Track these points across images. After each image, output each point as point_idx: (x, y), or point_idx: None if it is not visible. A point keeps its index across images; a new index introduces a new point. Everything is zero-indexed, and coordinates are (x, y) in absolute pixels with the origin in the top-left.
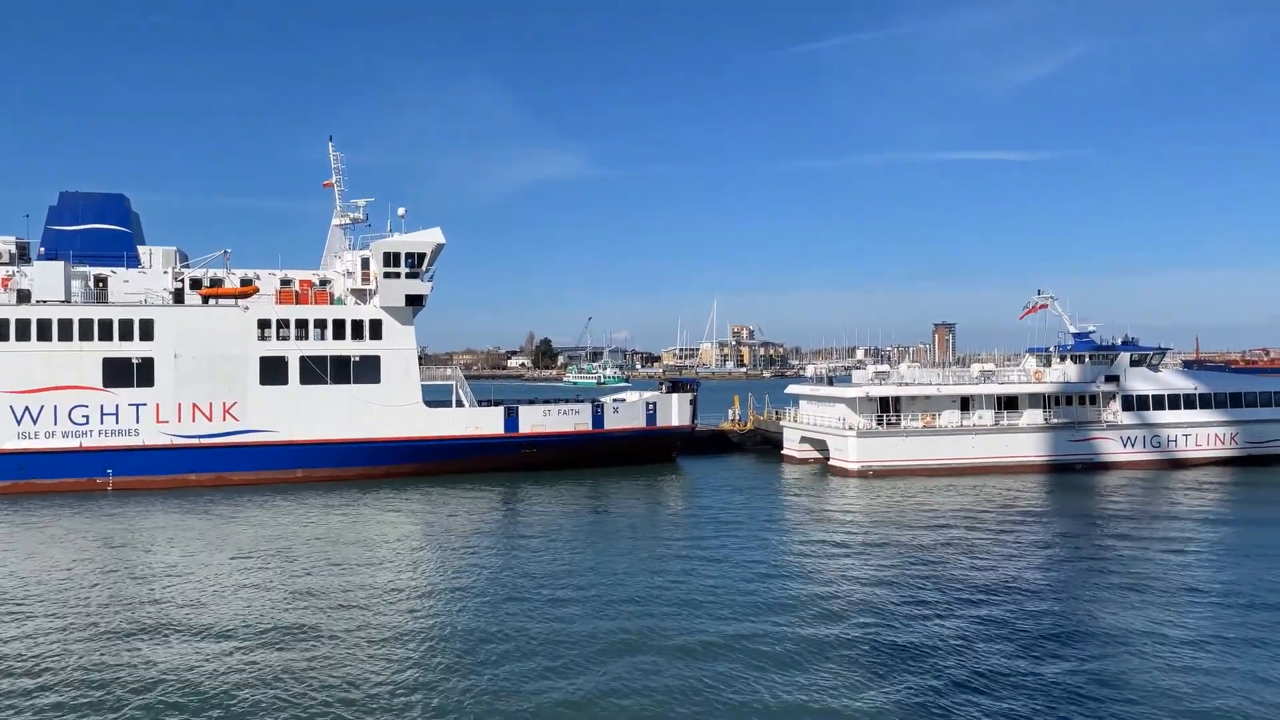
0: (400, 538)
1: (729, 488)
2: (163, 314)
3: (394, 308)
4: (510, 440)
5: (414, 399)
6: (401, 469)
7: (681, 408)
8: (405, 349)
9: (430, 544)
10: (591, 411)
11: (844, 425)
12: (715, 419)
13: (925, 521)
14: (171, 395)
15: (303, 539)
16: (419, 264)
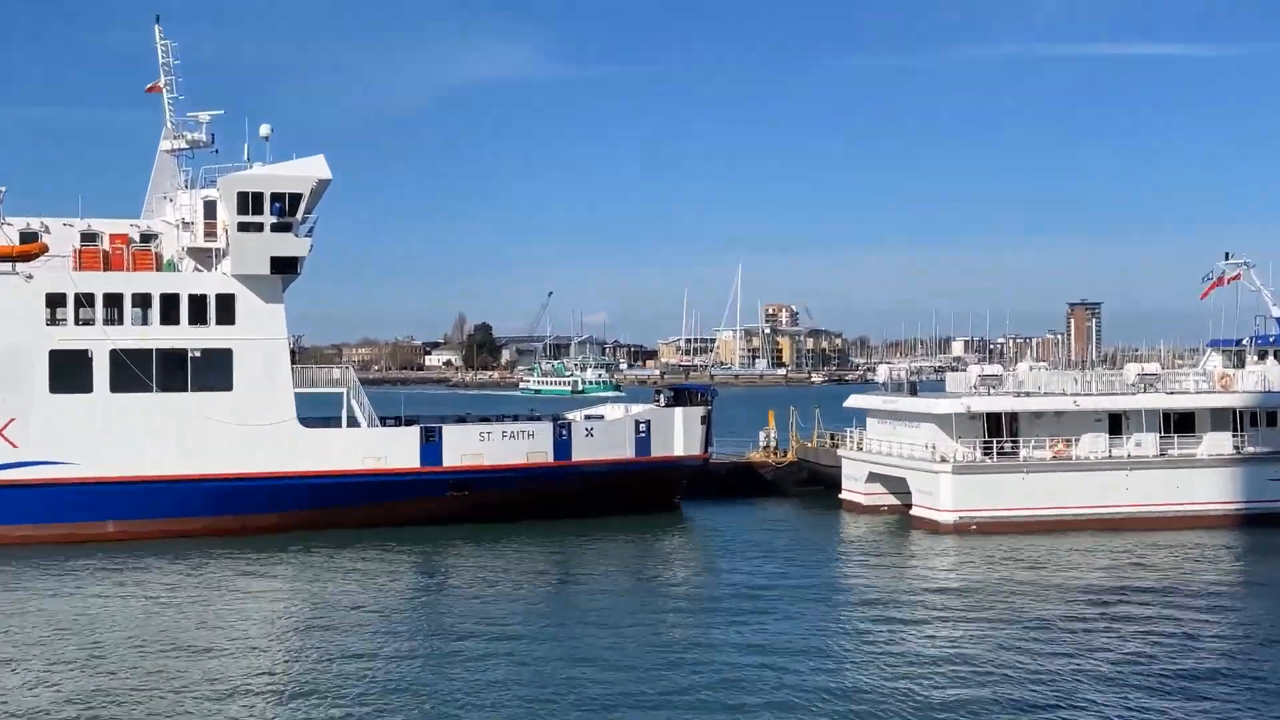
0: (255, 636)
1: (759, 551)
2: None
3: (254, 276)
4: (430, 477)
5: (283, 414)
6: (264, 520)
7: (689, 428)
8: (271, 339)
9: (300, 646)
10: (553, 435)
11: (933, 456)
12: (740, 445)
13: (1066, 614)
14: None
15: (107, 637)
16: (291, 210)
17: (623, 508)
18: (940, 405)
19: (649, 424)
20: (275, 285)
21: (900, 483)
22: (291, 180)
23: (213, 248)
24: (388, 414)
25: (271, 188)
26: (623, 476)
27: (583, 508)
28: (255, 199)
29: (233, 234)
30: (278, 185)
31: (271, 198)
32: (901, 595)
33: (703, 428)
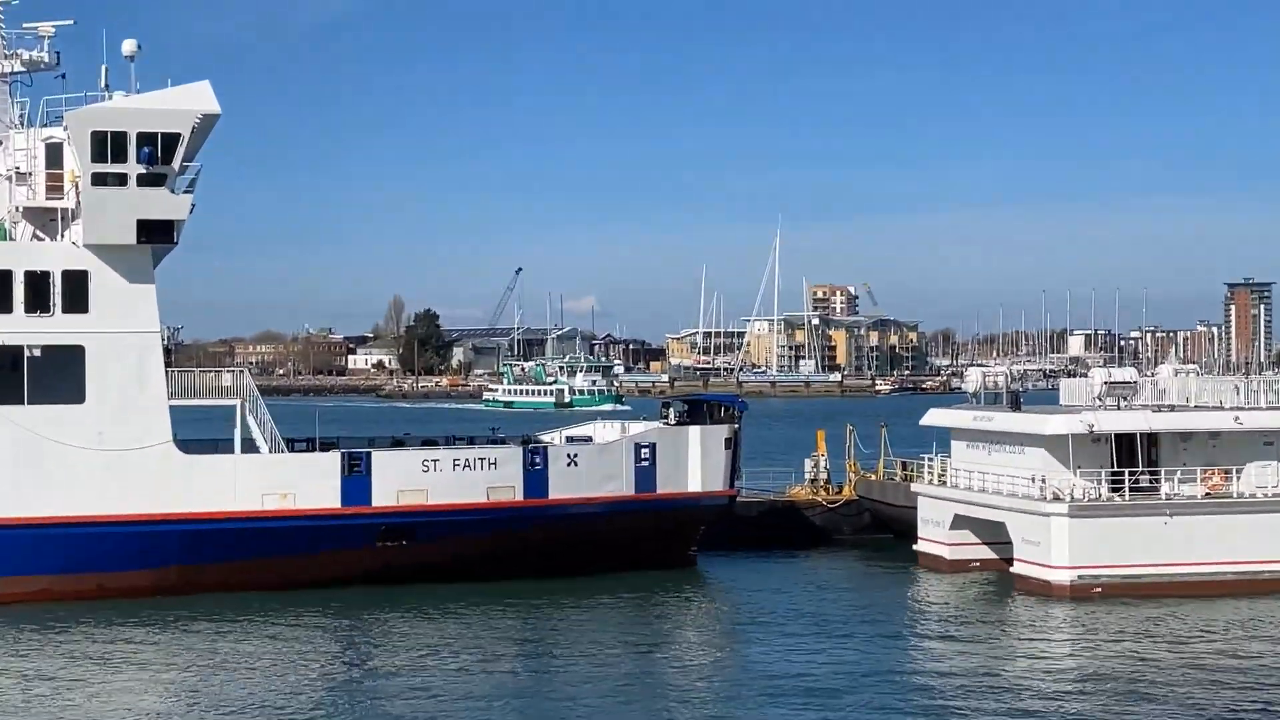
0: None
1: (803, 625)
2: None
3: (115, 247)
4: (355, 522)
5: (155, 436)
6: (128, 580)
7: (708, 455)
8: (137, 333)
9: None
10: (523, 464)
11: (1043, 492)
12: (778, 478)
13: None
14: None
15: None
16: (166, 156)
17: (618, 562)
18: (1052, 424)
19: (654, 449)
20: (144, 260)
21: (997, 529)
22: (166, 116)
23: (58, 208)
24: (297, 435)
25: (139, 126)
26: (618, 520)
27: (563, 562)
28: (116, 141)
29: (86, 189)
30: (147, 122)
31: (138, 139)
32: (1000, 690)
33: (727, 454)
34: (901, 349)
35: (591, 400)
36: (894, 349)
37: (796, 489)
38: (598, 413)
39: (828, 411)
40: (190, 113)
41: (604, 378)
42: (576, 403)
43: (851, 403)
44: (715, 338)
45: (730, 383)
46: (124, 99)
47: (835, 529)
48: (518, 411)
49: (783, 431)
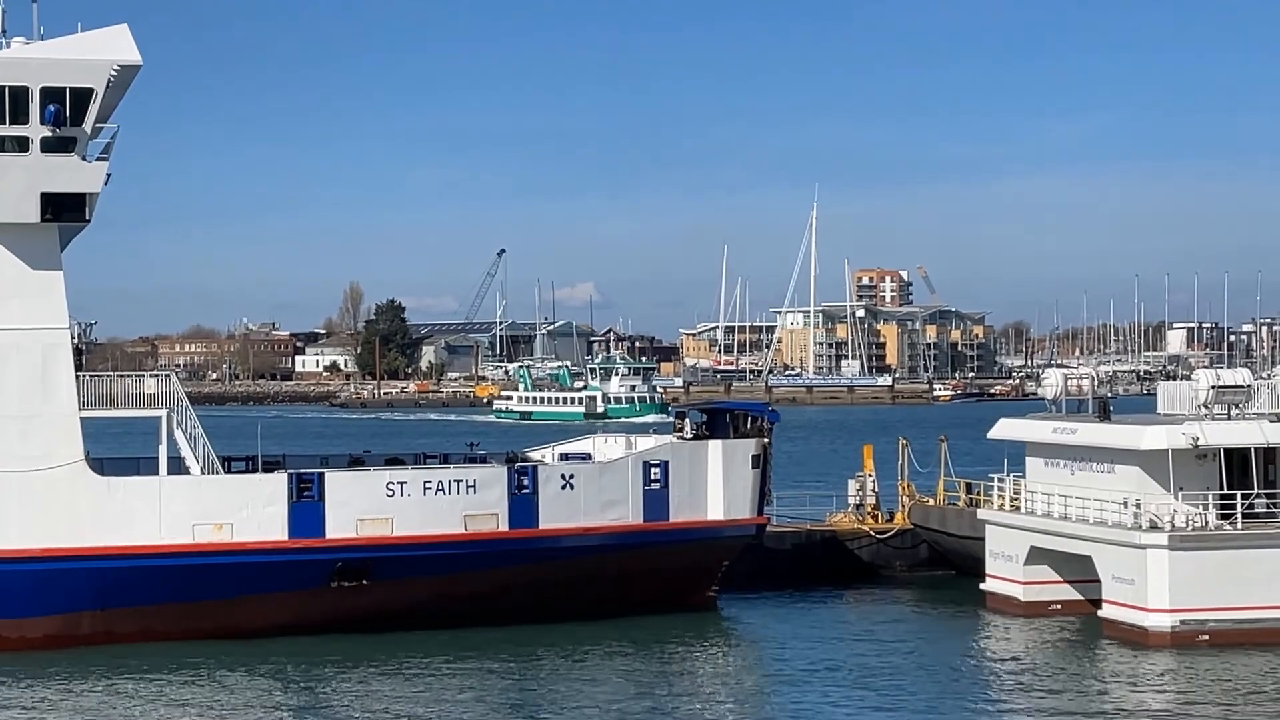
0: None
1: (845, 679)
2: None
3: (14, 225)
4: (304, 558)
5: (63, 453)
6: (31, 628)
7: (731, 474)
8: (42, 329)
9: None
10: (509, 487)
11: (1135, 519)
12: (817, 503)
13: None
14: None
15: None
16: (76, 116)
17: (623, 604)
18: (1149, 436)
19: (666, 468)
20: (50, 240)
21: (1083, 564)
22: (76, 67)
23: None
24: (236, 452)
25: (43, 79)
26: (623, 554)
27: (557, 606)
28: (16, 98)
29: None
30: (53, 75)
31: (43, 95)
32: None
33: (755, 474)
34: (965, 346)
35: (630, 410)
36: (955, 346)
37: (838, 516)
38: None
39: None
40: (105, 63)
41: (644, 382)
42: (612, 413)
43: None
44: (739, 333)
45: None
46: (24, 47)
47: (885, 564)
48: (539, 424)
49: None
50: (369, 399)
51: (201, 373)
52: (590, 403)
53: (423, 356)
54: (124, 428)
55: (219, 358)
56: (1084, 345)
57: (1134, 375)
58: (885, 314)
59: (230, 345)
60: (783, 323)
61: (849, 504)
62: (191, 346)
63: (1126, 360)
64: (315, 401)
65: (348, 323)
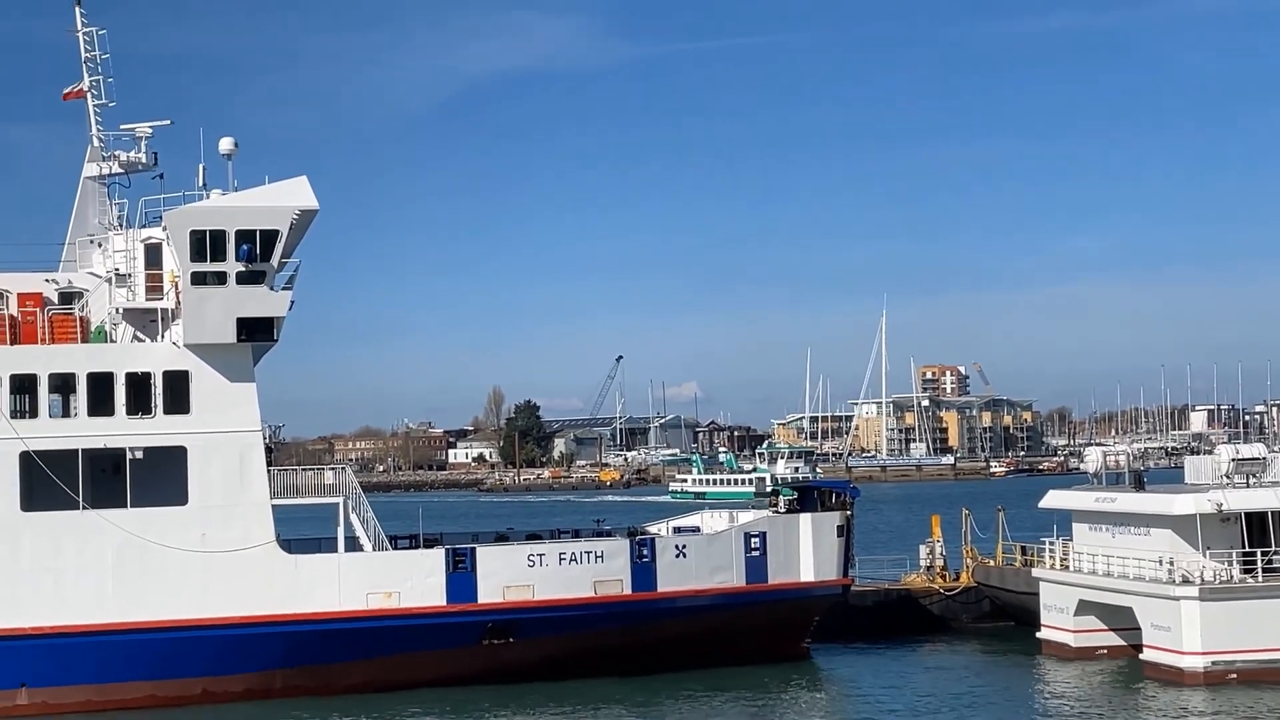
0: None
1: (927, 716)
2: None
3: (215, 346)
4: (460, 620)
5: (257, 536)
6: (231, 684)
7: (820, 543)
8: (239, 433)
9: None
10: (631, 556)
11: (1171, 574)
12: (893, 566)
13: None
14: None
15: None
16: (265, 253)
17: (730, 656)
18: (1179, 503)
19: (764, 538)
20: (244, 358)
21: (1125, 614)
22: (264, 213)
23: (158, 308)
24: (400, 532)
25: (237, 224)
26: (729, 613)
27: (673, 657)
28: (215, 240)
29: (185, 289)
30: (246, 220)
31: (237, 237)
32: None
33: (840, 541)
34: (1016, 429)
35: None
36: (1008, 430)
37: (912, 577)
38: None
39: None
40: (288, 209)
41: (807, 464)
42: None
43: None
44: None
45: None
46: (222, 197)
47: (953, 617)
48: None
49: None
50: (510, 485)
51: (370, 465)
52: (760, 483)
53: (555, 447)
54: (308, 513)
55: (385, 452)
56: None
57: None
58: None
59: (394, 442)
60: (859, 412)
61: (921, 566)
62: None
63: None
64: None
65: (492, 420)
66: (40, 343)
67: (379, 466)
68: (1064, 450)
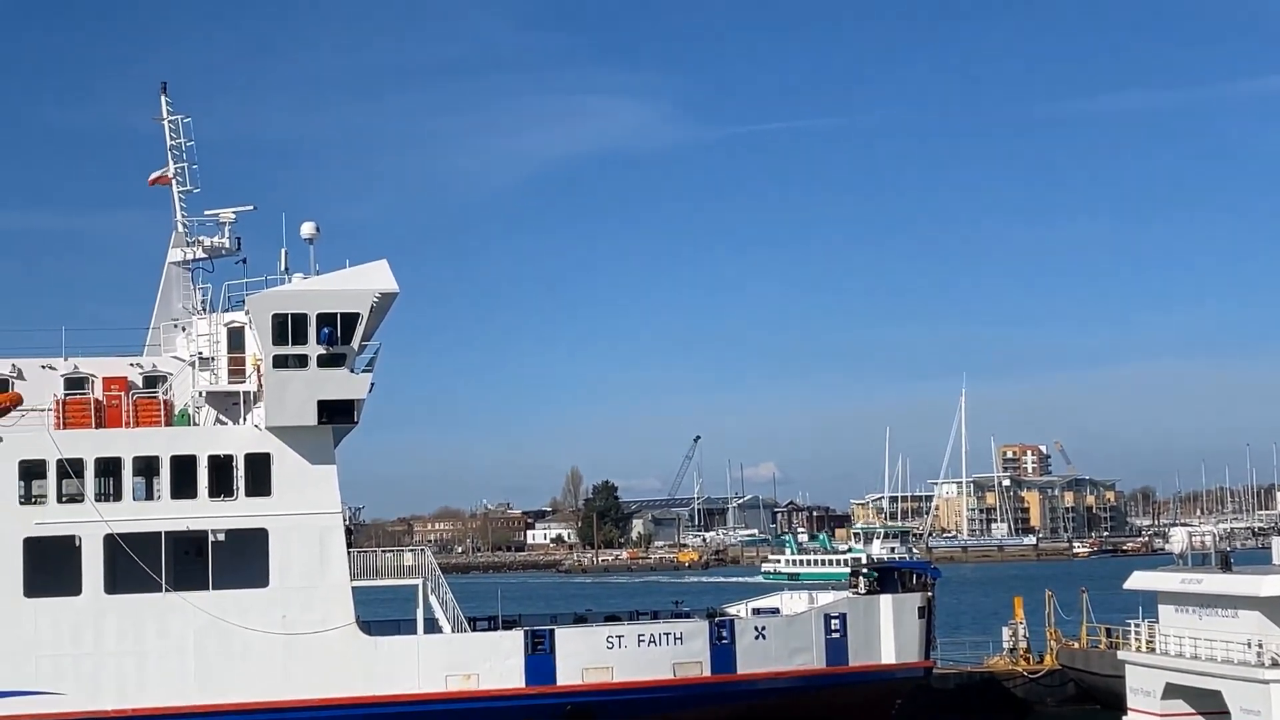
0: None
1: None
2: None
3: (296, 429)
4: (540, 702)
5: (338, 618)
6: None
7: (902, 624)
8: (319, 514)
9: None
10: (710, 638)
11: (1258, 657)
12: (975, 648)
13: None
14: None
15: None
16: (345, 336)
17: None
18: (1267, 584)
19: (844, 619)
20: (325, 440)
21: (1213, 698)
22: (345, 296)
23: (240, 391)
24: (479, 613)
25: (318, 307)
26: (809, 695)
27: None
28: (297, 323)
29: (267, 372)
30: (326, 303)
31: (318, 320)
32: None
33: (921, 623)
34: (1099, 509)
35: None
36: (1090, 510)
37: (995, 659)
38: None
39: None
40: (368, 292)
41: (902, 544)
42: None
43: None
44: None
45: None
46: (303, 281)
47: (1037, 700)
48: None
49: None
50: (589, 566)
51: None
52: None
53: (633, 528)
54: (388, 595)
55: (463, 533)
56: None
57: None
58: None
59: (472, 523)
60: (939, 492)
61: (1003, 648)
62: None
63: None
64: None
65: (570, 501)
66: (125, 426)
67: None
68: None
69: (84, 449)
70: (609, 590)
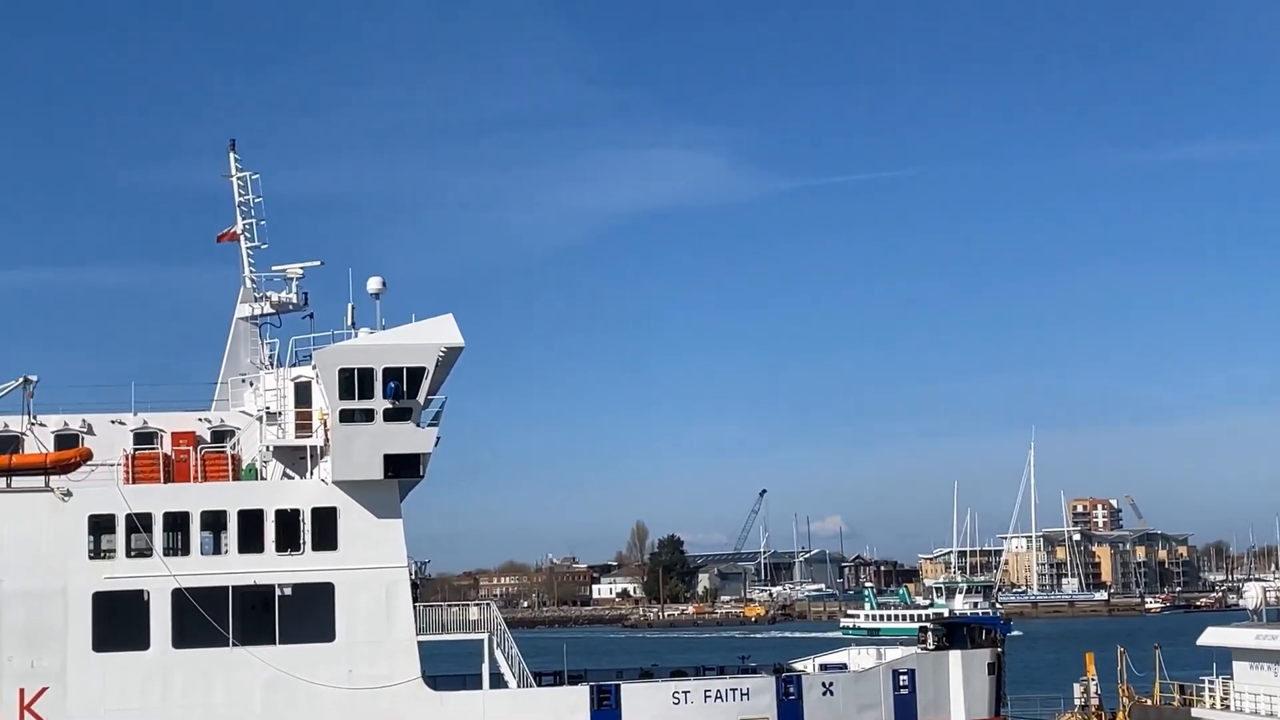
0: None
1: None
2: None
3: (362, 483)
4: None
5: (404, 672)
6: None
7: (971, 681)
8: (385, 569)
9: None
10: (777, 693)
11: None
12: (1045, 703)
13: None
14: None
15: None
16: (411, 390)
17: None
18: None
19: (913, 675)
20: (391, 494)
21: None
22: (411, 350)
23: (307, 446)
24: (545, 668)
25: (384, 361)
26: None
27: None
28: (363, 378)
29: (334, 426)
30: (393, 358)
31: (385, 375)
32: None
33: (991, 679)
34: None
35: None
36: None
37: (1066, 716)
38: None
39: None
40: (434, 346)
41: (985, 599)
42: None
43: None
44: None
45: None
46: (369, 336)
47: None
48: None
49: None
50: (655, 620)
51: (515, 601)
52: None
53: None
54: (454, 649)
55: (529, 588)
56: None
57: None
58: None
59: (538, 577)
60: (1008, 546)
61: (1075, 705)
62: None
63: None
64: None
65: (635, 555)
66: (193, 480)
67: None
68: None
69: (153, 503)
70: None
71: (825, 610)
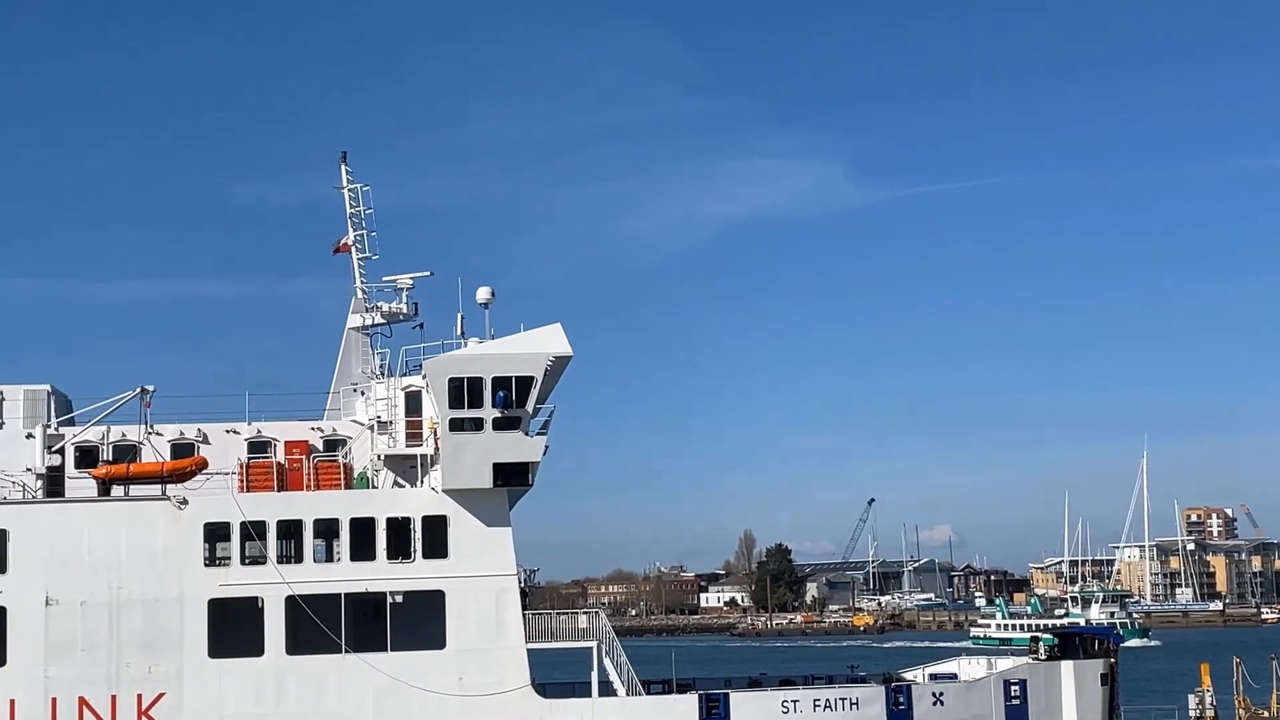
0: None
1: None
2: (20, 518)
3: (472, 491)
4: None
5: (514, 680)
6: None
7: (1084, 692)
8: (495, 576)
9: None
10: (887, 703)
11: None
12: (1160, 715)
13: None
14: (34, 682)
15: None
16: (520, 399)
17: None
18: None
19: (1024, 686)
20: (500, 502)
21: None
22: (520, 360)
23: (417, 454)
24: (653, 676)
25: (494, 371)
26: None
27: None
28: (473, 387)
29: (444, 435)
30: (502, 367)
31: (494, 384)
32: None
33: (1104, 690)
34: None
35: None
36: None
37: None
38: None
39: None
40: (543, 355)
41: (1122, 609)
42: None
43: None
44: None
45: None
46: (479, 345)
47: None
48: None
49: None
50: (763, 629)
51: (623, 609)
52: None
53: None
54: (563, 657)
55: (637, 596)
56: None
57: None
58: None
59: (646, 585)
60: (1121, 556)
61: (1190, 716)
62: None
63: None
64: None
65: (743, 564)
66: (305, 489)
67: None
68: None
69: (266, 512)
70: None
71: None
